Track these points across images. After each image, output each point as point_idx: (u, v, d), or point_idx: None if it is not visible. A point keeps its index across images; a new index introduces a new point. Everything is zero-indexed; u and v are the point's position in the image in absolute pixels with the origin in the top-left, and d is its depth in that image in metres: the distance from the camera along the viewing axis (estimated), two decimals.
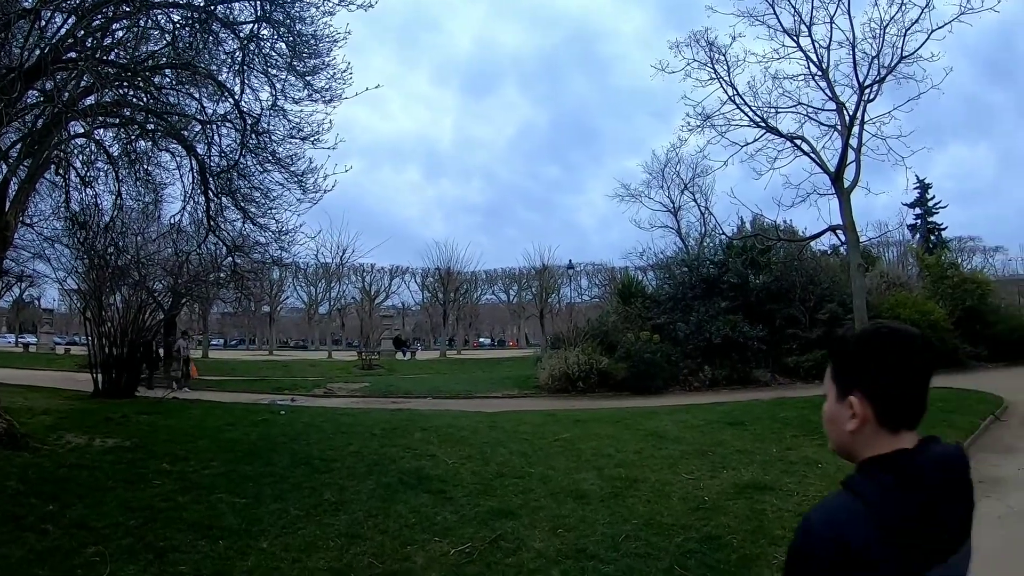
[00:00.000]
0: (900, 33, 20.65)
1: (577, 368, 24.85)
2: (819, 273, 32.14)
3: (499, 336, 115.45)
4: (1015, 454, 12.91)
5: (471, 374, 36.48)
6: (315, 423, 14.08)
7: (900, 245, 60.70)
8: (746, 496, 9.00)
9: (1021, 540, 8.06)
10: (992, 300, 36.77)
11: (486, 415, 16.38)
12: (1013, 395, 19.24)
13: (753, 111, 22.24)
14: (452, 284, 72.48)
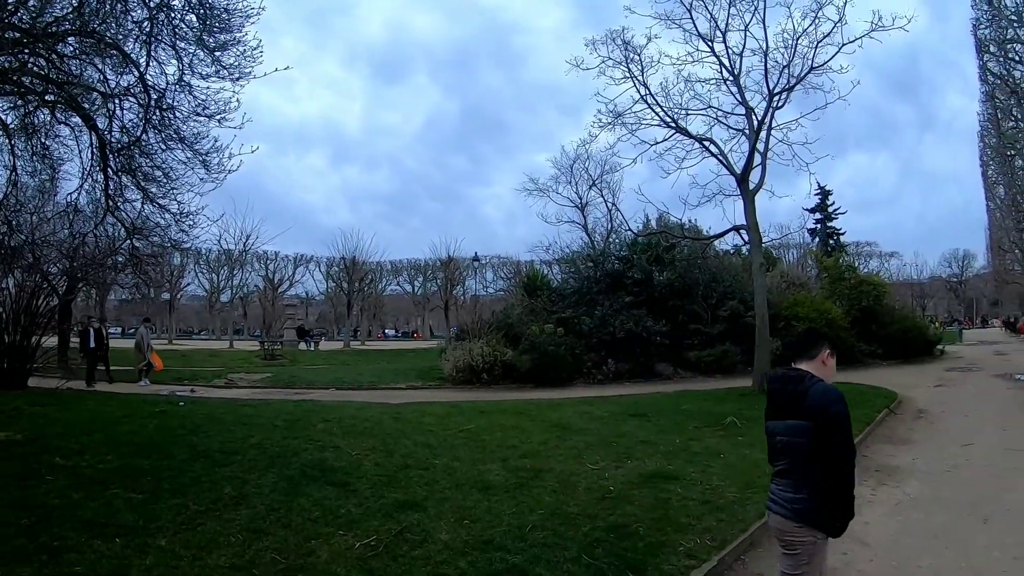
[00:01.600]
0: (811, 45, 21.33)
1: (482, 360, 24.83)
2: (722, 271, 32.93)
3: (404, 327, 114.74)
4: (909, 445, 13.55)
5: (375, 365, 36.17)
6: (215, 415, 13.65)
7: (801, 247, 62.69)
8: (651, 485, 9.12)
9: (916, 526, 8.40)
10: (887, 302, 38.35)
11: (390, 406, 16.18)
12: (906, 391, 20.34)
13: (664, 111, 22.57)
14: (357, 274, 71.75)
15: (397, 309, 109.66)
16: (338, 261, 73.57)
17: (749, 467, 10.42)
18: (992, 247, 65.50)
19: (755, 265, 22.65)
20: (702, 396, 19.69)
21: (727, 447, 12.07)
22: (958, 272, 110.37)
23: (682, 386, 24.02)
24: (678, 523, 7.66)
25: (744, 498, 8.71)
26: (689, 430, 13.79)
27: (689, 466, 10.39)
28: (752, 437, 12.89)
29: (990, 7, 27.57)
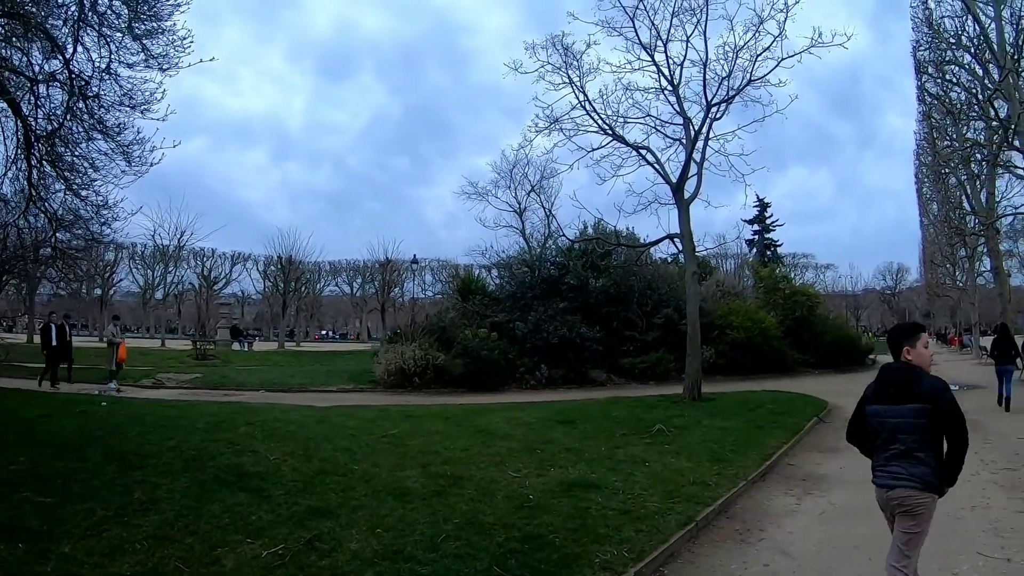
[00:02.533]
0: (751, 59, 21.52)
1: (413, 363, 24.61)
2: (657, 279, 33.24)
3: (341, 329, 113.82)
4: (837, 454, 13.55)
5: (308, 367, 35.83)
6: (138, 415, 13.30)
7: (737, 257, 63.23)
8: (571, 494, 9.00)
9: (842, 535, 8.45)
10: (821, 312, 39.47)
11: (316, 409, 15.95)
12: (836, 399, 20.63)
13: (602, 118, 22.58)
14: (294, 273, 70.73)
15: (335, 310, 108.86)
16: (275, 260, 72.31)
17: (673, 476, 10.46)
18: (925, 261, 67.40)
19: (688, 273, 22.81)
20: (633, 403, 19.66)
21: (653, 455, 12.03)
22: (892, 285, 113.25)
23: (614, 392, 24.09)
24: (596, 533, 7.55)
25: (665, 508, 8.67)
26: (616, 437, 13.72)
27: (612, 474, 10.30)
28: (679, 445, 13.05)
29: (930, 30, 28.22)
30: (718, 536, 8.40)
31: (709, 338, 27.63)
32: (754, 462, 11.99)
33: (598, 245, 31.19)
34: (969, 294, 49.15)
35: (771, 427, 15.60)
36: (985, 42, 22.77)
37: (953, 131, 33.34)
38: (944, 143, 35.98)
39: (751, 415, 17.40)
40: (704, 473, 10.80)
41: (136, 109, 14.94)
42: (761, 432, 14.93)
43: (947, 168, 36.76)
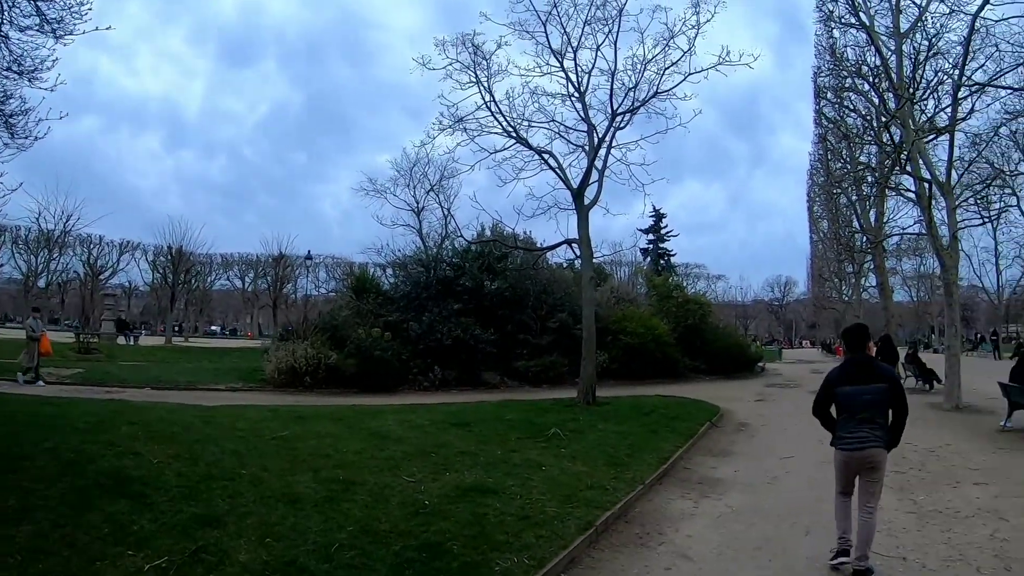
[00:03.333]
0: (659, 72, 21.84)
1: (305, 362, 24.11)
2: (553, 284, 33.42)
3: (231, 325, 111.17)
4: (731, 457, 13.96)
5: (197, 364, 34.62)
6: (10, 413, 12.58)
7: (632, 265, 64.17)
8: (468, 499, 8.83)
9: (739, 538, 8.53)
10: (712, 320, 40.45)
11: (204, 409, 15.34)
12: (728, 404, 21.32)
13: (507, 121, 22.57)
14: (184, 265, 68.09)
15: (225, 305, 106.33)
16: (165, 250, 69.05)
17: (570, 480, 10.38)
18: (813, 275, 70.43)
19: (585, 278, 22.89)
20: (527, 406, 19.57)
21: (550, 459, 11.93)
22: (780, 297, 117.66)
23: (508, 395, 23.99)
24: (495, 540, 7.39)
25: (564, 513, 8.57)
26: (512, 441, 13.57)
27: (509, 479, 10.16)
28: (575, 449, 12.96)
29: (833, 58, 29.25)
30: (618, 540, 8.36)
31: (603, 343, 27.79)
32: (650, 466, 11.99)
33: (495, 247, 31.25)
34: (854, 307, 51.01)
35: (665, 431, 15.68)
36: (885, 73, 23.53)
37: (847, 154, 34.73)
38: (837, 165, 37.63)
39: (645, 419, 17.49)
40: (601, 477, 10.77)
41: (24, 76, 14.14)
42: (656, 436, 14.98)
43: (839, 188, 38.34)
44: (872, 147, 31.23)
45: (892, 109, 23.52)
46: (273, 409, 16.58)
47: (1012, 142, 37.99)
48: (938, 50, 22.81)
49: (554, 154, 22.81)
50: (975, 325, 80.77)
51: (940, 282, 32.68)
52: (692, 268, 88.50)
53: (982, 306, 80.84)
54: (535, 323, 30.33)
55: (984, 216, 44.39)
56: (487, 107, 22.44)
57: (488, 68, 22.29)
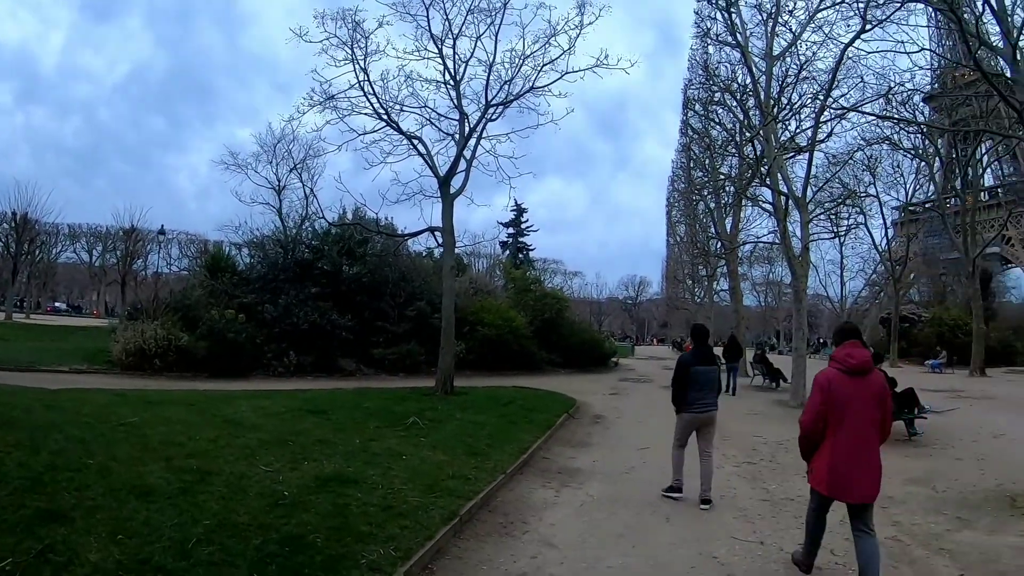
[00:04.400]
0: (536, 68, 22.01)
1: (155, 343, 23.18)
2: (412, 271, 33.17)
3: (76, 301, 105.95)
4: (588, 448, 14.25)
5: (39, 343, 32.67)
6: None
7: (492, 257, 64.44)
8: (329, 490, 8.54)
9: (601, 526, 8.64)
10: (568, 315, 41.10)
11: (46, 392, 14.45)
12: (583, 397, 21.70)
13: (380, 102, 22.17)
14: (29, 234, 63.68)
15: (70, 280, 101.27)
16: (8, 217, 63.65)
17: (432, 469, 10.26)
18: (668, 276, 72.82)
19: (446, 268, 22.85)
20: (385, 394, 19.49)
21: (409, 448, 11.78)
22: (633, 295, 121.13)
23: (365, 383, 23.82)
24: (359, 532, 7.15)
25: (428, 503, 8.42)
26: (370, 429, 13.38)
27: (369, 468, 9.94)
28: (435, 438, 12.86)
29: (705, 72, 30.41)
30: (483, 530, 8.29)
31: (461, 334, 27.78)
32: (511, 456, 12.01)
33: (357, 231, 30.78)
34: (706, 309, 53.26)
35: (524, 422, 15.80)
36: (754, 91, 24.43)
37: (709, 164, 36.02)
38: (699, 173, 39.11)
39: (504, 410, 17.60)
40: (462, 467, 10.69)
41: None
42: (515, 427, 15.06)
43: (699, 196, 39.84)
44: (734, 159, 32.59)
45: (757, 126, 24.65)
46: (121, 393, 15.74)
47: (865, 166, 41.27)
48: (807, 75, 24.22)
49: (423, 140, 22.64)
50: (818, 330, 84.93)
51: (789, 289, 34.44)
52: (550, 263, 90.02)
53: (825, 313, 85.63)
54: (393, 311, 30.06)
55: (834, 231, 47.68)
56: (360, 87, 22.05)
57: (366, 47, 21.92)
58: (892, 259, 55.29)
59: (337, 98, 22.17)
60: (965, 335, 46.48)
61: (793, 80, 24.50)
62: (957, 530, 8.65)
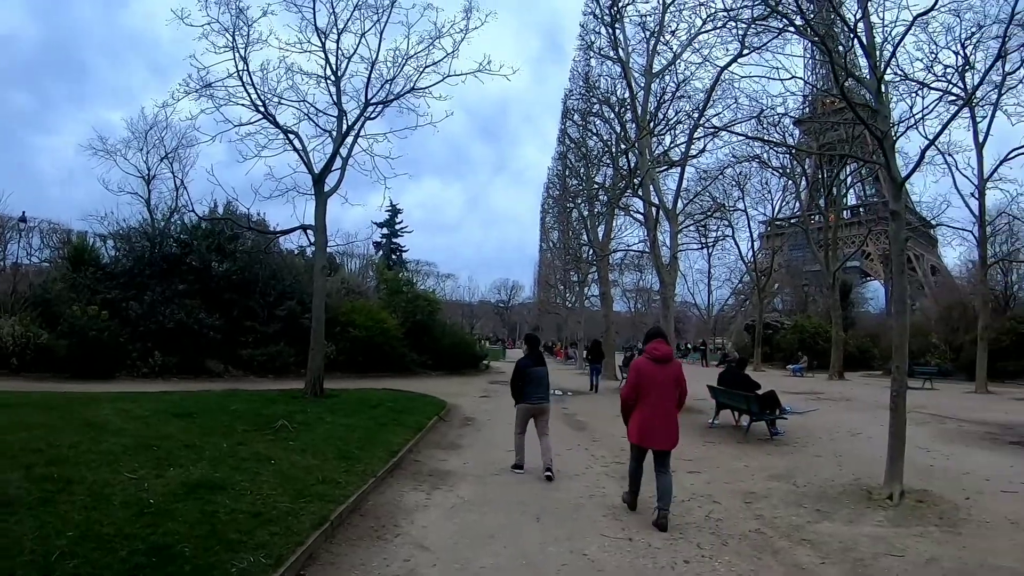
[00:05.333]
0: (419, 68, 21.97)
1: (12, 341, 22.36)
2: (283, 270, 32.73)
3: None
4: (459, 450, 14.42)
5: None
6: None
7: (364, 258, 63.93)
8: (196, 497, 8.37)
9: (473, 527, 8.77)
10: (440, 318, 41.30)
11: None
12: (454, 399, 21.85)
13: (258, 94, 21.74)
14: None
15: None
16: None
17: (301, 474, 10.20)
18: (540, 281, 73.86)
19: (317, 267, 22.67)
20: (253, 397, 19.26)
21: (278, 452, 11.66)
22: (505, 299, 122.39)
23: (233, 385, 23.47)
24: (228, 540, 7.05)
25: (298, 508, 8.37)
26: (238, 433, 13.20)
27: (237, 474, 9.79)
28: (304, 442, 12.76)
29: (586, 84, 31.18)
30: (354, 534, 8.29)
31: (332, 334, 27.59)
32: (381, 459, 12.04)
33: (227, 226, 30.16)
34: (576, 313, 54.20)
35: (394, 425, 15.82)
36: (632, 105, 25.11)
37: (584, 173, 36.82)
38: (574, 181, 39.95)
39: (374, 412, 17.56)
40: (332, 471, 10.66)
41: None
42: (385, 429, 15.08)
43: (573, 203, 40.72)
44: (608, 169, 33.38)
45: (632, 139, 25.29)
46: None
47: (735, 182, 43.28)
48: (684, 93, 25.09)
49: (300, 136, 22.33)
50: (685, 336, 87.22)
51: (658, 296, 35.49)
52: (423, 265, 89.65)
53: (693, 320, 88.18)
54: (263, 310, 29.63)
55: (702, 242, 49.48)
56: (239, 76, 21.53)
57: (248, 35, 21.46)
58: (757, 270, 57.99)
59: (214, 86, 21.66)
60: (825, 341, 48.89)
61: (670, 97, 25.54)
62: (817, 522, 9.18)
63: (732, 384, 18.37)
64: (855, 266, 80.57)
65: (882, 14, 12.29)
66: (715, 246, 56.15)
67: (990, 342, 33.59)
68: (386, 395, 21.97)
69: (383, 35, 21.98)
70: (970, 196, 32.71)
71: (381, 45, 22.07)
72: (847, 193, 53.19)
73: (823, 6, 15.49)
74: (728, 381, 18.69)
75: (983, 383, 31.86)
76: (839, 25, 14.12)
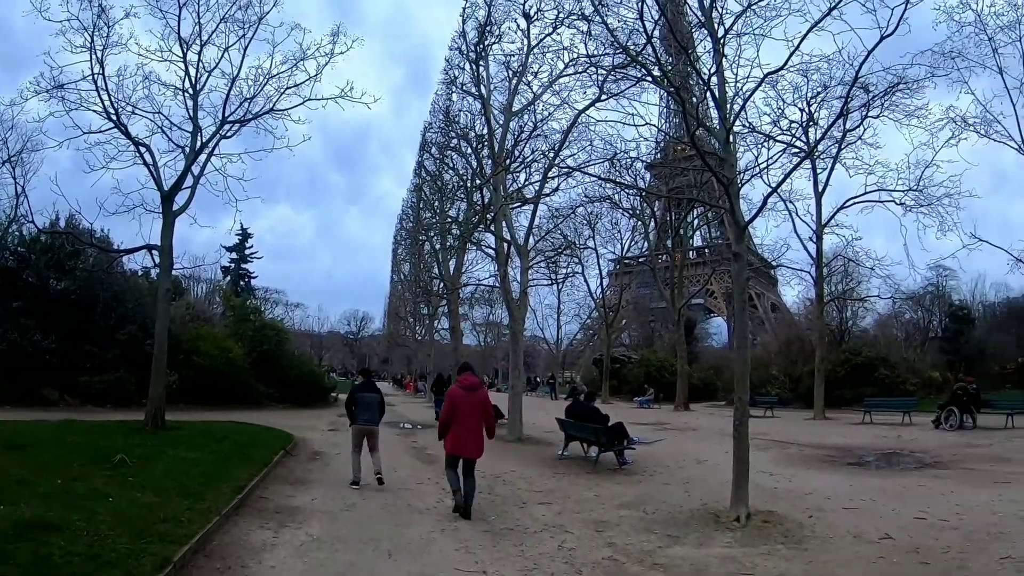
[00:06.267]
0: (280, 89, 21.95)
1: None
2: (125, 291, 31.26)
3: None
4: (307, 486, 14.17)
5: None
6: None
7: (211, 283, 62.23)
8: (28, 537, 7.87)
9: (324, 565, 8.64)
10: (288, 348, 40.67)
11: None
12: (302, 433, 21.75)
13: (111, 100, 20.88)
14: None
15: None
16: None
17: (142, 512, 9.70)
18: (390, 313, 73.59)
19: (162, 290, 22.05)
20: (91, 428, 18.46)
21: (116, 489, 11.13)
22: (355, 331, 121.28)
23: (70, 414, 22.30)
24: None
25: (139, 549, 7.97)
26: (74, 468, 12.54)
27: (73, 512, 9.23)
28: (144, 478, 12.26)
29: (446, 118, 31.98)
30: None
31: (176, 362, 26.62)
32: (226, 496, 11.64)
33: (68, 241, 28.77)
34: (426, 347, 54.32)
35: (240, 460, 15.41)
36: (489, 142, 25.55)
37: (439, 206, 37.19)
38: (428, 214, 40.23)
39: (219, 447, 17.08)
40: (175, 509, 10.17)
41: None
42: (230, 464, 14.67)
43: (426, 236, 40.99)
44: (463, 204, 33.69)
45: (488, 174, 25.58)
46: None
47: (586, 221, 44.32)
48: (542, 132, 25.81)
49: (151, 149, 21.67)
50: (535, 370, 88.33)
51: (507, 330, 35.98)
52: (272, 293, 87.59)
53: (542, 354, 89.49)
54: (103, 334, 28.35)
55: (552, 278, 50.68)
56: (93, 80, 20.67)
57: (107, 36, 20.67)
58: (606, 306, 59.64)
59: (67, 88, 20.77)
60: (671, 374, 50.77)
61: (528, 136, 26.10)
62: (668, 546, 9.49)
63: (581, 416, 18.78)
64: (699, 303, 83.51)
65: (735, 70, 13.04)
66: (565, 282, 57.19)
67: (826, 373, 36.83)
68: (232, 428, 21.36)
69: (247, 51, 21.78)
70: (808, 240, 36.35)
71: (244, 61, 21.88)
72: (693, 234, 55.44)
73: (680, 59, 16.21)
74: (577, 413, 19.08)
75: (821, 410, 34.71)
76: (694, 78, 14.70)
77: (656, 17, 13.43)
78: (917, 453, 19.08)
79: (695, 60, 13.25)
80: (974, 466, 16.43)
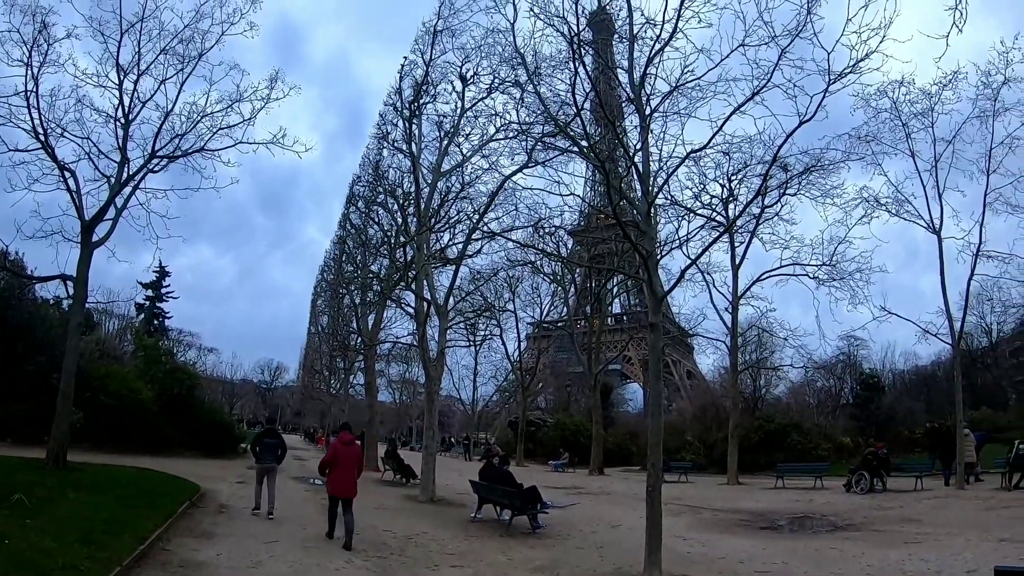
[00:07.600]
0: (212, 129, 22.03)
1: None
2: (36, 321, 30.17)
3: None
4: (213, 540, 13.66)
5: None
6: None
7: (124, 319, 60.66)
8: None
9: None
10: (199, 394, 39.81)
11: None
12: (210, 483, 21.08)
13: (42, 120, 20.58)
14: None
15: None
16: None
17: (40, 558, 9.41)
18: (305, 365, 72.79)
19: (73, 323, 21.64)
20: None
21: (13, 531, 10.64)
22: (269, 380, 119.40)
23: None
24: None
25: None
26: None
27: None
28: (44, 520, 11.84)
29: (374, 173, 32.29)
30: None
31: (82, 400, 25.73)
32: (129, 546, 11.23)
33: None
34: (340, 401, 54.09)
35: (144, 507, 14.93)
36: (416, 200, 26.26)
37: (361, 260, 37.35)
38: (350, 268, 40.33)
39: (123, 492, 16.57)
40: (74, 556, 9.81)
41: None
42: (134, 512, 14.18)
43: (346, 289, 41.06)
44: (385, 260, 33.87)
45: (412, 232, 25.80)
46: None
47: (507, 284, 44.74)
48: (468, 195, 26.25)
49: (76, 176, 21.31)
50: (450, 430, 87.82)
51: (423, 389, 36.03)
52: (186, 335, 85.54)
53: (457, 414, 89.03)
54: (10, 363, 27.35)
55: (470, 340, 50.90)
56: (26, 96, 20.38)
57: (46, 54, 20.41)
58: (523, 369, 59.59)
59: None
60: (586, 438, 50.84)
61: (454, 197, 26.47)
62: None
63: (494, 480, 18.75)
64: (616, 369, 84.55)
65: (661, 146, 13.48)
66: (483, 344, 57.49)
67: (740, 439, 37.51)
68: (137, 474, 20.84)
69: (184, 86, 21.73)
70: (725, 310, 37.58)
71: (180, 96, 21.79)
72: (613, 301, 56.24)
73: (608, 132, 16.69)
74: (491, 476, 19.05)
75: (734, 475, 35.25)
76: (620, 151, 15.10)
77: (588, 90, 13.87)
78: (829, 516, 19.62)
79: (623, 134, 13.71)
80: (884, 528, 17.03)
